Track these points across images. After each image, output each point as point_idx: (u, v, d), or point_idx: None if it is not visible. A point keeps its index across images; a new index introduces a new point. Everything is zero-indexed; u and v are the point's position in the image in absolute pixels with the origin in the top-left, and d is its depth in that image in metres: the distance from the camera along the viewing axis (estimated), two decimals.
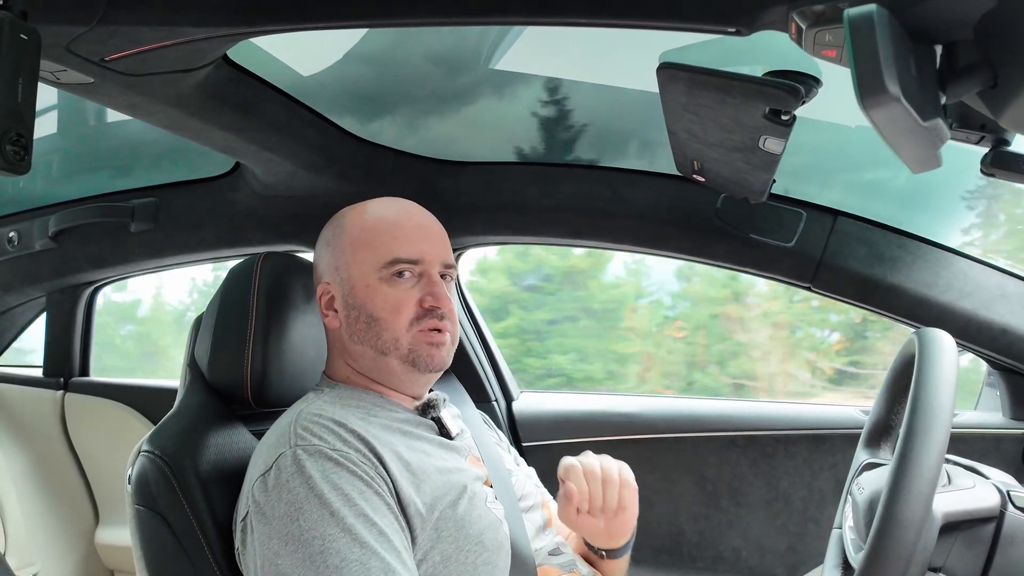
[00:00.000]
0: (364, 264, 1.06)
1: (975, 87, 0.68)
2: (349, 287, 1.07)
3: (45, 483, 2.15)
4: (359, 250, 1.07)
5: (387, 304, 1.05)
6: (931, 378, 0.83)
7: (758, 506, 1.70)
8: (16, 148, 0.81)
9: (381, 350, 1.05)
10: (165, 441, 1.04)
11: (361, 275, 1.06)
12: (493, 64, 1.48)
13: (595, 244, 1.72)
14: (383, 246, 1.06)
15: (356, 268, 1.07)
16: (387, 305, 1.05)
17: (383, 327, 1.05)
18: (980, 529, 0.86)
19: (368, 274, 1.06)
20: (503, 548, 1.02)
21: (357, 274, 1.06)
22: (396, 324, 1.04)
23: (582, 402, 1.91)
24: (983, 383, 1.70)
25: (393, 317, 1.04)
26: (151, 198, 1.82)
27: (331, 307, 1.09)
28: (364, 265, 1.06)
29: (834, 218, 1.53)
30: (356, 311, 1.06)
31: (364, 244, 1.07)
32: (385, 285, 1.05)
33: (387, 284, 1.05)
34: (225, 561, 0.99)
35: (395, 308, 1.04)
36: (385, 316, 1.05)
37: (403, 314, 1.05)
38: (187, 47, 1.02)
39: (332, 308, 1.09)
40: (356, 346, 1.07)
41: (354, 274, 1.07)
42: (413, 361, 1.05)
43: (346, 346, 1.09)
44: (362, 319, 1.06)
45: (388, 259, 1.05)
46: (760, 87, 0.99)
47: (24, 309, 2.25)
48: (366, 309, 1.05)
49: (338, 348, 1.11)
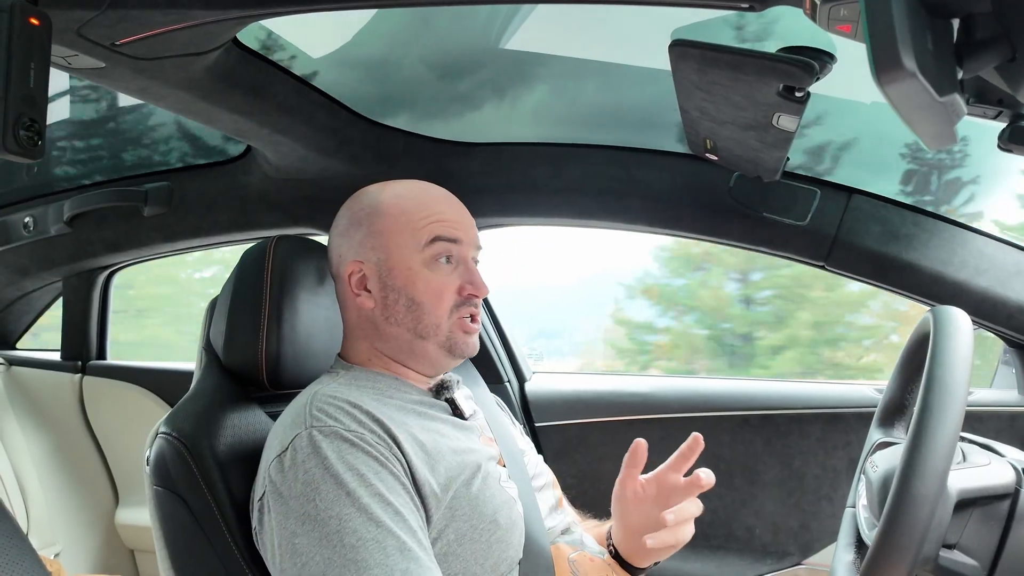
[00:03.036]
0: (405, 246, 1.06)
1: (993, 61, 0.67)
2: (387, 268, 1.06)
3: (65, 465, 2.19)
4: (400, 231, 1.06)
5: (429, 289, 1.05)
6: (946, 356, 0.83)
7: (772, 485, 1.70)
8: (29, 133, 0.81)
9: (420, 334, 1.06)
10: (182, 423, 1.05)
11: (402, 257, 1.06)
12: (503, 44, 1.47)
13: (607, 225, 1.71)
14: (425, 226, 1.06)
15: (396, 250, 1.06)
16: (429, 290, 1.05)
17: (424, 311, 1.05)
18: (995, 506, 0.86)
19: (410, 256, 1.06)
20: (517, 526, 1.02)
21: (398, 256, 1.06)
22: (438, 310, 1.05)
23: (594, 383, 1.91)
24: (999, 361, 1.69)
25: (435, 303, 1.05)
26: (164, 182, 1.83)
27: (363, 287, 1.08)
28: (405, 247, 1.06)
29: (848, 196, 1.52)
30: (396, 293, 1.06)
31: (404, 224, 1.06)
32: (427, 270, 1.05)
33: (428, 269, 1.05)
34: (243, 540, 1.01)
35: (437, 294, 1.05)
36: (427, 301, 1.05)
37: (444, 300, 1.05)
38: (197, 30, 1.02)
39: (364, 288, 1.08)
40: (392, 328, 1.07)
41: (394, 256, 1.06)
42: (450, 347, 1.07)
43: (379, 327, 1.08)
44: (402, 302, 1.06)
45: (430, 237, 1.05)
46: (773, 64, 0.98)
47: (41, 293, 2.27)
48: (407, 292, 1.05)
49: (366, 329, 1.10)
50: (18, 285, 2.17)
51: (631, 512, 1.10)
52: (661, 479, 1.09)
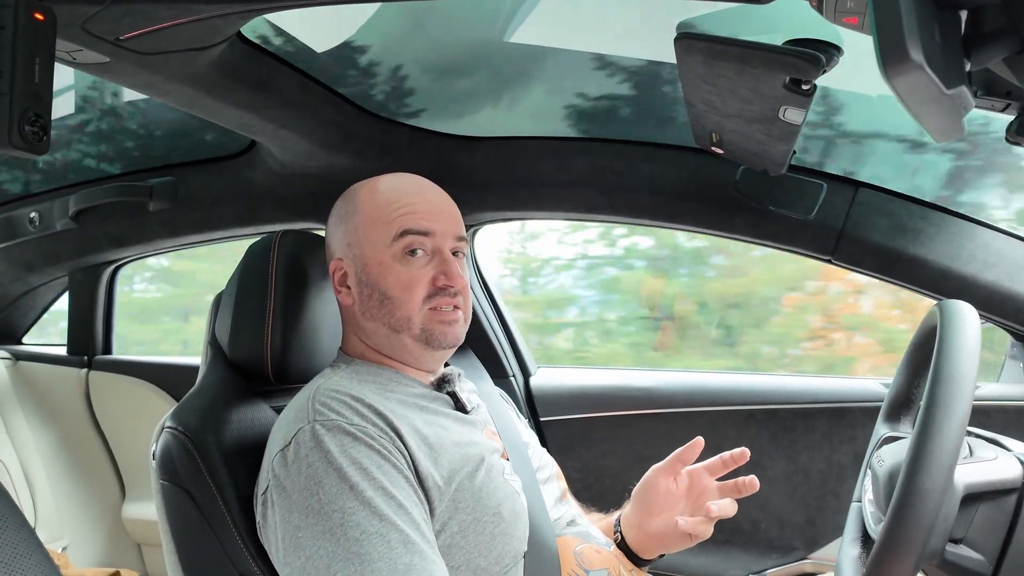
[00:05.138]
0: (377, 241, 1.06)
1: (1001, 53, 0.66)
2: (362, 264, 1.07)
3: (72, 459, 2.20)
4: (371, 227, 1.07)
5: (399, 282, 1.05)
6: (953, 349, 0.82)
7: (777, 479, 1.70)
8: (34, 128, 0.81)
9: (394, 328, 1.06)
10: (188, 417, 1.06)
11: (374, 252, 1.06)
12: (508, 37, 1.46)
13: (612, 219, 1.71)
14: (394, 220, 1.06)
15: (369, 245, 1.07)
16: (399, 283, 1.05)
17: (396, 305, 1.05)
18: (1002, 500, 0.86)
19: (381, 251, 1.06)
20: (521, 519, 1.03)
21: (370, 251, 1.07)
22: (409, 303, 1.05)
23: (599, 377, 1.91)
24: (1006, 355, 1.68)
25: (406, 296, 1.05)
26: (169, 177, 1.83)
27: (344, 284, 1.10)
28: (377, 242, 1.06)
29: (855, 189, 1.51)
30: (369, 288, 1.07)
31: (375, 220, 1.07)
32: (398, 264, 1.05)
33: (400, 263, 1.05)
34: (248, 534, 1.01)
35: (408, 287, 1.05)
36: (398, 295, 1.05)
37: (416, 293, 1.05)
38: (201, 24, 1.02)
39: (345, 285, 1.10)
40: (369, 323, 1.08)
41: (367, 251, 1.07)
42: (426, 339, 1.06)
43: (359, 323, 1.10)
44: (375, 297, 1.06)
45: (398, 231, 1.05)
46: (780, 56, 0.97)
47: (47, 289, 2.28)
48: (379, 287, 1.06)
49: (351, 325, 1.12)
50: (24, 280, 2.18)
51: (657, 502, 1.12)
52: (696, 478, 1.12)
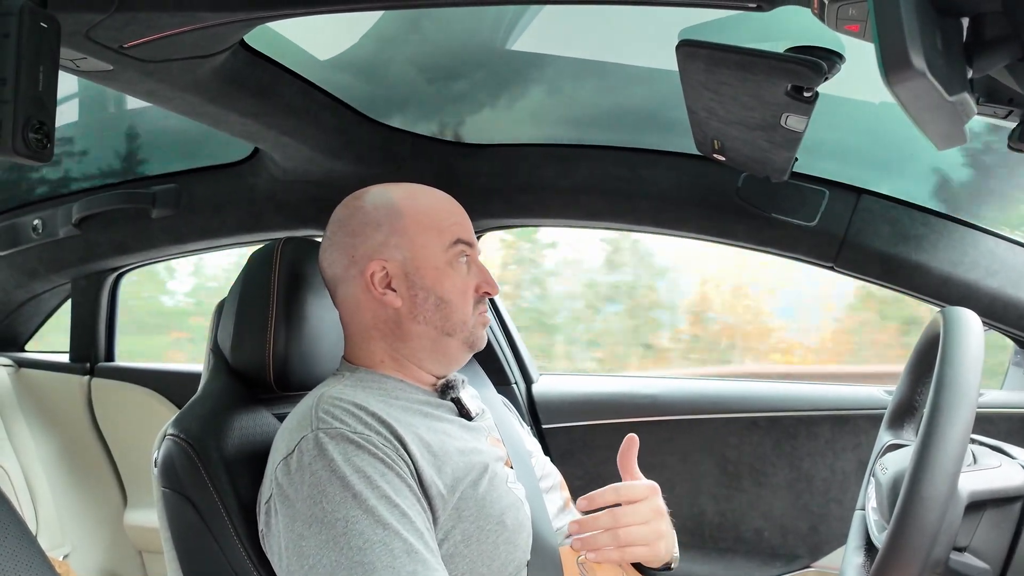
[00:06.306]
0: (431, 246, 1.08)
1: (1003, 60, 0.66)
2: (414, 267, 1.08)
3: (74, 466, 2.19)
4: (423, 231, 1.09)
5: (455, 288, 1.09)
6: (956, 357, 0.82)
7: (780, 487, 1.70)
8: (38, 136, 0.81)
9: (447, 331, 1.08)
10: (190, 424, 1.05)
11: (429, 256, 1.08)
12: (509, 45, 1.46)
13: (614, 225, 1.71)
14: (447, 228, 1.10)
15: (422, 249, 1.08)
16: (455, 288, 1.09)
17: (453, 309, 1.08)
18: (1006, 508, 0.85)
19: (436, 255, 1.08)
20: (524, 528, 1.02)
21: (423, 255, 1.08)
22: (465, 308, 1.09)
23: (602, 384, 1.90)
24: (1009, 363, 1.68)
25: (462, 301, 1.09)
26: (172, 184, 1.84)
27: (387, 286, 1.08)
28: (431, 247, 1.08)
29: (857, 196, 1.51)
30: (424, 292, 1.07)
31: (427, 226, 1.09)
32: (451, 269, 1.09)
33: (453, 269, 1.09)
34: (251, 542, 1.01)
35: (463, 292, 1.09)
36: (455, 299, 1.08)
37: (469, 299, 1.10)
38: (204, 32, 1.02)
39: (389, 287, 1.08)
40: (419, 326, 1.08)
41: (420, 255, 1.08)
42: (472, 343, 1.11)
43: (403, 325, 1.08)
44: (431, 300, 1.07)
45: (453, 239, 1.09)
46: (782, 64, 0.98)
47: (49, 296, 2.28)
48: (436, 291, 1.08)
49: (385, 329, 1.09)
50: (27, 287, 2.18)
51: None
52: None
